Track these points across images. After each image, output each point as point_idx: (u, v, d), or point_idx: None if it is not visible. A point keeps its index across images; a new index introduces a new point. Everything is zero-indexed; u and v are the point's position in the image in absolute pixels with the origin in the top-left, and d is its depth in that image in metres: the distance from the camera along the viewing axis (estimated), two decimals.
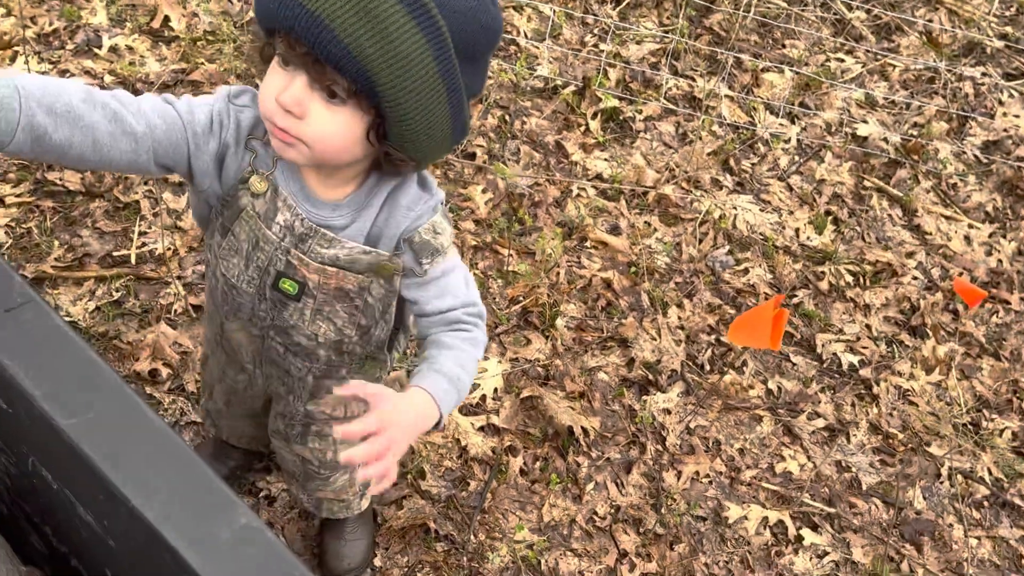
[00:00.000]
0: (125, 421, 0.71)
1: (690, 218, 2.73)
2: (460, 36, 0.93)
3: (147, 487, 0.68)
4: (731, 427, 2.24)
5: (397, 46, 0.87)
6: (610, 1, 3.49)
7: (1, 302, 0.74)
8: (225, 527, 0.66)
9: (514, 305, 2.34)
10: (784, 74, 3.33)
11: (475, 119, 2.82)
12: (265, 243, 1.11)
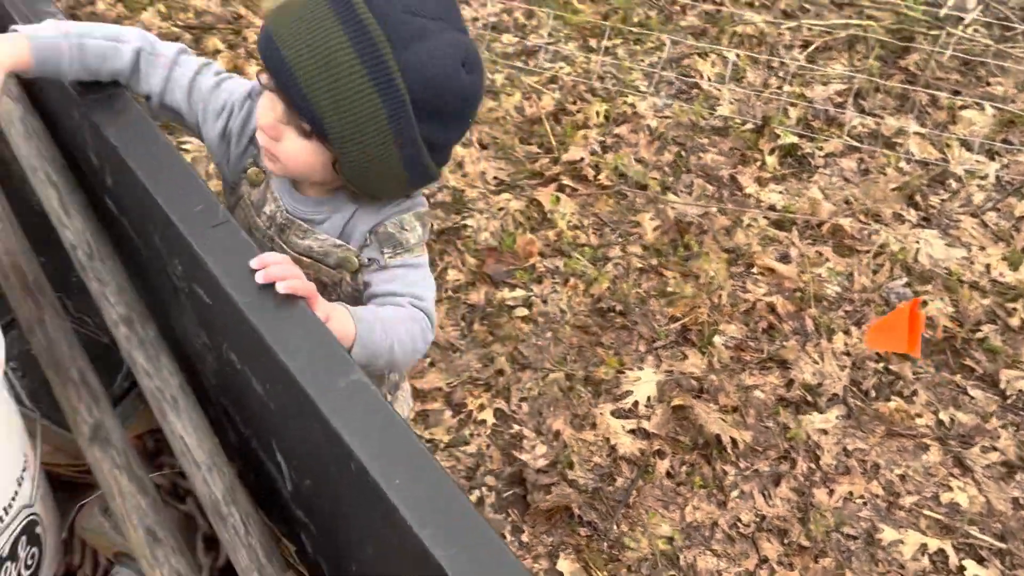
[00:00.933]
0: (277, 302, 0.94)
1: (866, 250, 2.71)
2: (424, 99, 1.00)
3: (292, 349, 0.90)
4: (893, 453, 2.19)
5: (350, 102, 0.97)
6: (798, 47, 3.55)
7: (208, 220, 1.00)
8: (342, 378, 0.86)
9: (673, 323, 2.44)
10: (985, 111, 3.21)
11: (651, 154, 2.99)
12: (255, 229, 1.21)
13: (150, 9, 3.36)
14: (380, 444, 0.81)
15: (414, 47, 0.99)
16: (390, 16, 0.98)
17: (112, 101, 1.14)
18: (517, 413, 2.20)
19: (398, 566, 0.83)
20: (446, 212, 2.70)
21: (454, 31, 1.03)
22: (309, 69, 0.97)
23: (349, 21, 0.98)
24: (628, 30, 3.55)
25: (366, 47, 0.97)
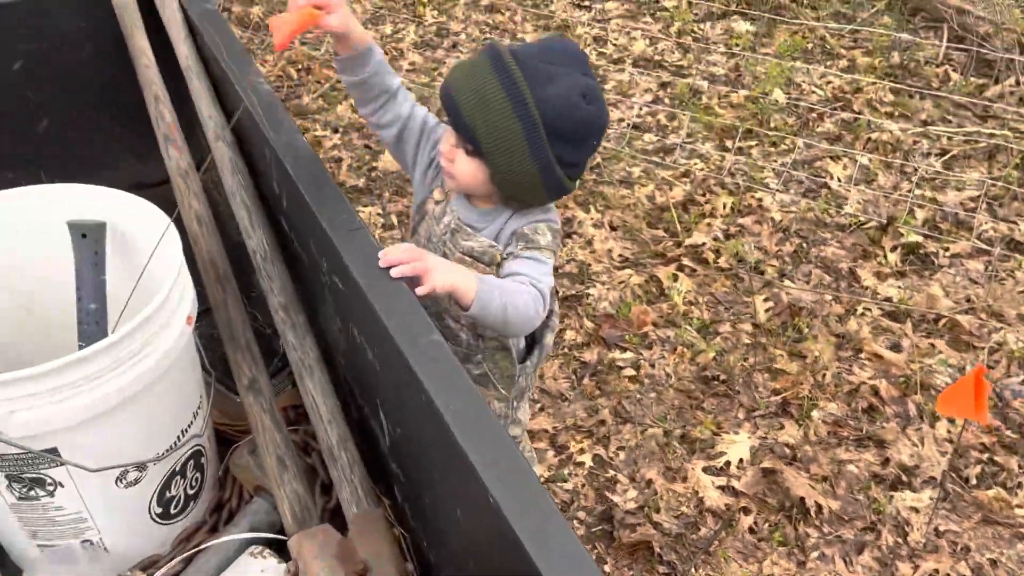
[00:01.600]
0: (389, 284, 1.24)
1: (982, 346, 2.73)
2: (554, 124, 1.34)
3: (391, 314, 1.19)
4: (987, 538, 2.18)
5: (499, 128, 1.33)
6: (935, 155, 3.65)
7: (347, 225, 1.34)
8: (424, 336, 1.15)
9: (775, 396, 2.57)
10: None
11: (772, 244, 3.16)
12: (434, 237, 1.53)
13: (344, 103, 3.96)
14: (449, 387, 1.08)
15: (546, 86, 1.34)
16: (528, 65, 1.35)
17: (294, 146, 1.54)
18: (614, 460, 2.40)
19: (464, 504, 1.07)
20: (571, 281, 2.99)
21: (578, 74, 1.37)
22: (470, 104, 1.34)
23: (499, 69, 1.35)
24: (764, 132, 3.78)
25: (510, 87, 1.33)
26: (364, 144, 3.70)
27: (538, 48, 1.40)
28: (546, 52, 1.39)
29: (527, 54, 1.37)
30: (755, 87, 4.06)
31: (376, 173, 3.52)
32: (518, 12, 4.88)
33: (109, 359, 1.19)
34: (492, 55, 1.37)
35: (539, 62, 1.36)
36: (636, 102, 4.06)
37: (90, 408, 1.20)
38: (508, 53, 1.37)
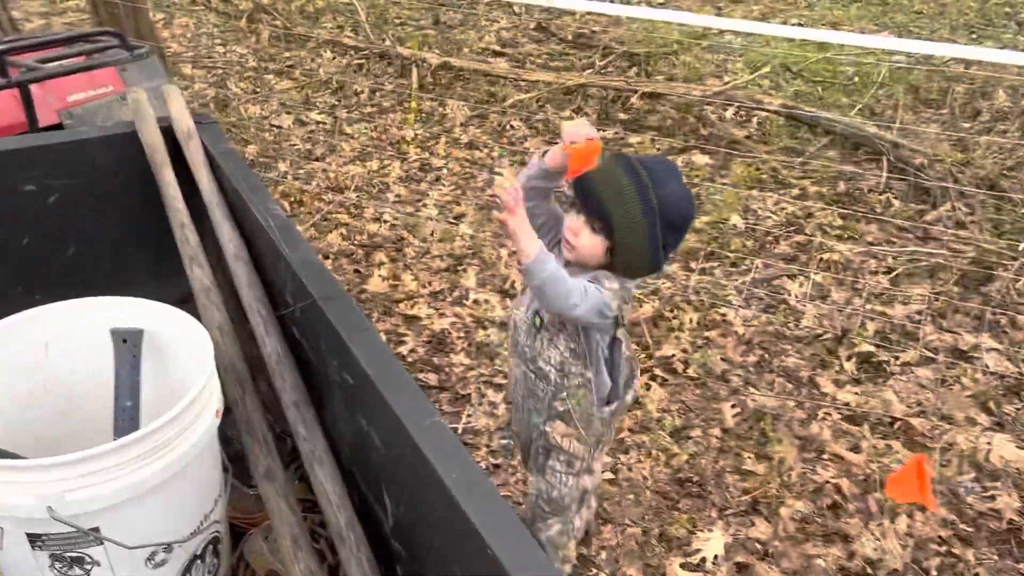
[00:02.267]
0: (393, 378, 1.44)
1: (935, 446, 2.93)
2: (668, 214, 1.72)
3: (400, 400, 1.38)
4: None
5: (629, 215, 1.70)
6: (882, 273, 3.96)
7: (357, 327, 1.54)
8: (427, 418, 1.33)
9: (745, 495, 2.73)
10: None
11: (737, 355, 3.39)
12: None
13: (335, 232, 4.24)
14: (452, 460, 1.26)
15: (664, 187, 1.74)
16: (651, 169, 1.74)
17: (308, 260, 1.76)
18: (596, 558, 2.52)
19: (466, 565, 1.23)
20: None
21: (680, 183, 1.79)
22: (609, 194, 1.72)
23: (631, 172, 1.74)
24: (725, 254, 4.09)
25: (639, 185, 1.72)
26: (354, 269, 3.94)
27: (653, 159, 1.79)
28: (659, 162, 1.79)
29: (648, 162, 1.76)
30: (714, 213, 4.41)
31: (365, 296, 3.75)
32: (495, 149, 5.27)
33: (150, 444, 1.36)
34: (624, 161, 1.76)
35: (657, 169, 1.76)
36: None
37: (130, 489, 1.36)
38: (636, 160, 1.76)
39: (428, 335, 3.50)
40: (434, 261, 4.03)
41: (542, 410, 2.02)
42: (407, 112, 5.71)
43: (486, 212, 4.51)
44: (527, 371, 2.01)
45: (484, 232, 4.29)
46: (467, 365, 3.33)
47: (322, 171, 4.86)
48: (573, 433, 1.99)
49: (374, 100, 5.97)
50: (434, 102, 5.90)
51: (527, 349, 1.97)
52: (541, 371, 1.94)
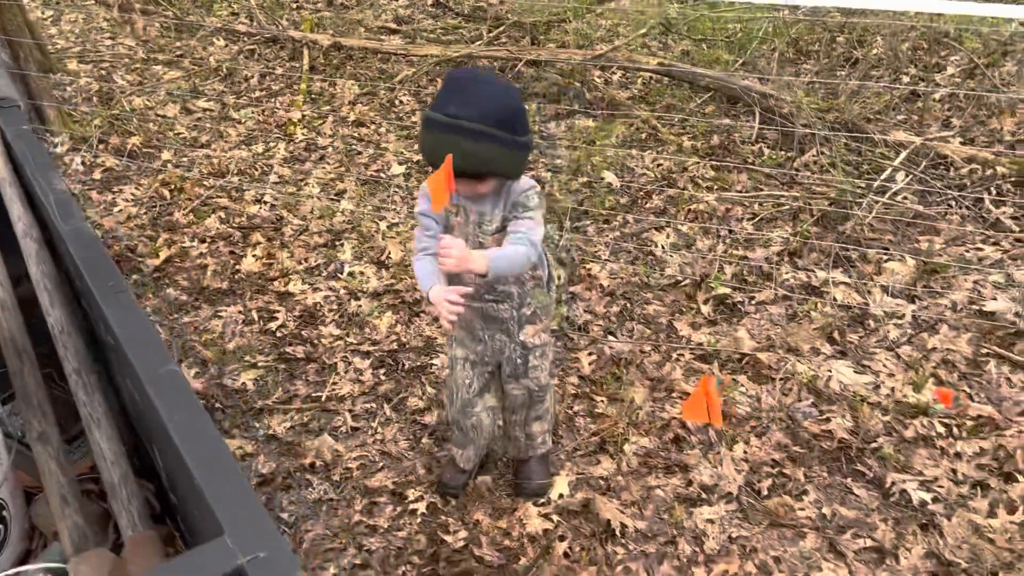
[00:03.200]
0: (139, 334, 1.49)
1: (781, 378, 3.07)
2: (498, 118, 1.84)
3: (138, 350, 1.43)
4: (773, 540, 2.45)
5: (479, 151, 1.84)
6: (747, 219, 4.10)
7: (113, 288, 1.59)
8: (161, 367, 1.39)
9: (594, 436, 2.84)
10: (906, 262, 3.61)
11: (601, 307, 3.50)
12: (469, 236, 2.05)
13: (213, 216, 4.25)
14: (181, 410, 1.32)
15: (476, 107, 1.84)
16: (462, 111, 1.83)
17: (79, 231, 1.79)
18: (447, 507, 2.61)
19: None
20: (416, 355, 3.26)
21: (489, 86, 1.88)
22: (466, 164, 1.84)
23: (449, 129, 1.84)
24: (599, 212, 4.20)
25: (465, 129, 1.83)
26: (230, 251, 3.96)
27: (448, 90, 1.86)
28: (453, 85, 1.86)
29: (449, 101, 1.83)
30: (592, 173, 4.51)
31: (239, 276, 3.77)
32: (382, 125, 5.30)
33: None
34: (437, 125, 1.84)
35: (460, 99, 1.83)
36: None
37: None
38: (442, 116, 1.84)
39: (300, 310, 3.55)
40: (312, 238, 4.07)
41: (511, 326, 2.27)
42: (296, 95, 5.71)
43: (369, 186, 4.56)
44: (483, 305, 2.21)
45: (364, 206, 4.33)
46: (336, 335, 3.39)
47: (206, 157, 4.85)
48: (541, 327, 2.31)
49: (264, 84, 5.95)
50: (324, 83, 5.90)
51: (478, 288, 2.14)
52: (502, 293, 2.19)
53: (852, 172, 4.30)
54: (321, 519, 2.58)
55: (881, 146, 4.45)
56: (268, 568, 1.02)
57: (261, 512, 1.09)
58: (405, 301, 3.56)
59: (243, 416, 3.00)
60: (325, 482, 2.71)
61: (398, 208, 4.33)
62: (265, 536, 1.06)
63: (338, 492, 2.67)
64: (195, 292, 3.67)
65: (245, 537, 1.06)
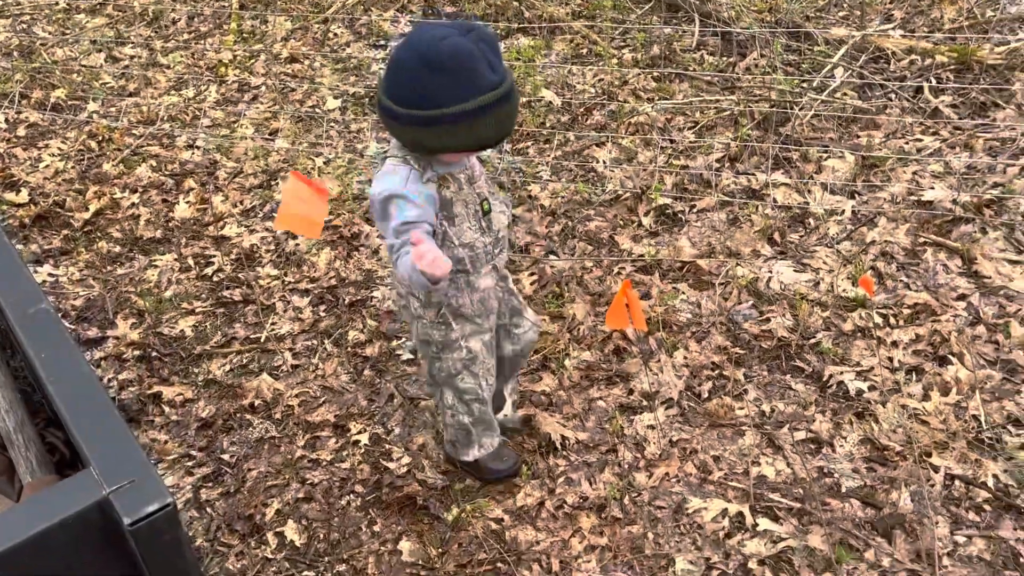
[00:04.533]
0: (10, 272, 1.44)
1: (721, 282, 3.06)
2: (403, 95, 1.70)
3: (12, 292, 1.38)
4: (713, 440, 2.48)
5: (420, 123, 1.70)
6: (688, 128, 4.04)
7: (32, 303, 1.53)
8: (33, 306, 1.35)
9: (536, 355, 2.83)
10: (846, 159, 3.59)
11: (543, 227, 3.46)
12: (469, 197, 1.89)
13: (144, 165, 4.13)
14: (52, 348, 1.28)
15: (398, 85, 1.71)
16: (392, 97, 1.73)
17: None
18: (390, 435, 2.60)
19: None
20: (356, 289, 3.21)
21: (403, 50, 1.69)
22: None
23: (387, 114, 1.77)
24: (539, 132, 4.12)
25: (397, 113, 1.73)
26: (162, 199, 3.86)
27: (491, 50, 1.65)
28: (490, 42, 1.66)
29: (494, 63, 1.65)
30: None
31: (173, 223, 3.69)
32: (316, 60, 5.14)
33: None
34: (511, 94, 1.69)
35: (497, 57, 1.66)
36: None
37: None
38: (507, 84, 1.67)
39: (237, 253, 3.48)
40: (247, 180, 3.97)
41: (508, 281, 2.21)
42: (226, 35, 5.51)
43: (304, 123, 4.44)
44: (498, 259, 2.07)
45: (300, 144, 4.23)
46: (274, 276, 3.33)
47: (135, 106, 4.69)
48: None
49: (192, 27, 5.73)
50: (256, 20, 5.70)
51: (488, 240, 1.98)
52: (506, 241, 2.09)
53: (793, 72, 4.24)
54: (263, 457, 2.57)
55: (821, 44, 4.38)
56: (134, 496, 0.99)
57: (129, 442, 1.05)
58: (343, 236, 3.50)
59: (182, 363, 2.96)
60: (266, 421, 2.69)
61: (334, 143, 4.22)
62: (132, 465, 1.03)
63: (280, 429, 2.65)
64: (128, 243, 3.58)
65: (111, 468, 1.03)
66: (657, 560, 2.17)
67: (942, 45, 4.15)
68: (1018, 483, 2.25)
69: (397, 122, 1.71)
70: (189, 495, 2.48)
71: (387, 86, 1.71)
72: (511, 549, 2.23)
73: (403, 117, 1.69)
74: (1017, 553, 2.09)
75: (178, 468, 2.57)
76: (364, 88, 4.71)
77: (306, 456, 2.55)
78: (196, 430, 2.68)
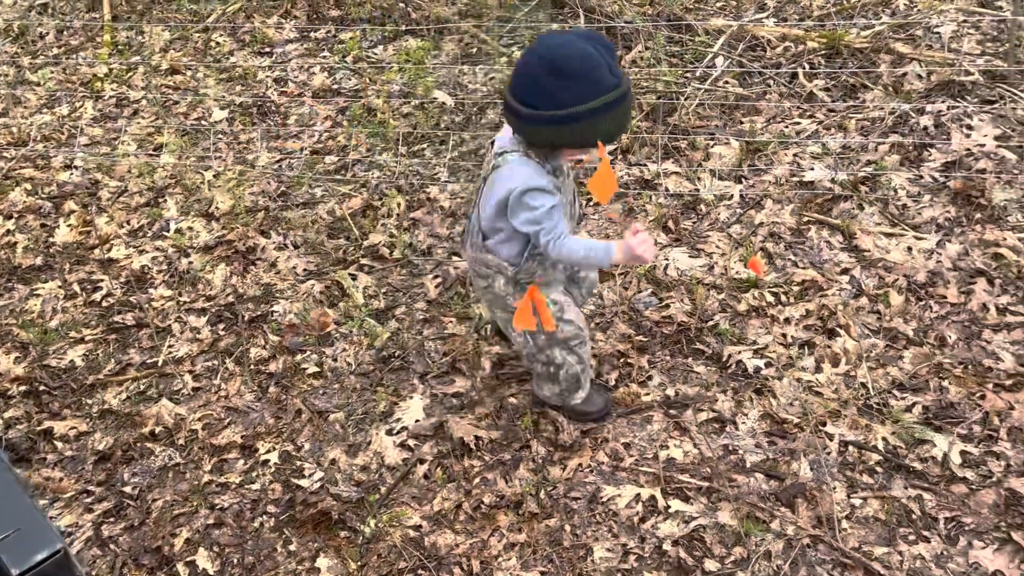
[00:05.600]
0: None
1: (620, 273, 3.13)
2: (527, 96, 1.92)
3: None
4: (623, 427, 2.53)
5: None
6: None
7: None
8: None
9: (446, 357, 2.83)
10: (731, 144, 3.71)
11: (444, 229, 3.46)
12: (568, 186, 2.16)
13: (18, 189, 3.91)
14: None
15: (529, 88, 1.92)
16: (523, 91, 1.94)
17: None
18: (300, 451, 2.55)
19: None
20: (256, 304, 3.14)
21: (524, 57, 1.91)
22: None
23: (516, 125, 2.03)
24: (434, 134, 4.11)
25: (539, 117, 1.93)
26: (40, 224, 3.68)
27: (609, 53, 1.87)
28: (606, 47, 1.87)
29: (612, 65, 1.85)
30: (423, 95, 4.39)
31: (54, 249, 3.52)
32: (200, 70, 4.98)
33: None
34: (629, 94, 1.90)
35: (615, 60, 1.89)
36: (317, 130, 4.28)
37: None
38: (625, 84, 1.89)
39: (127, 275, 3.34)
40: (132, 199, 3.82)
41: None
42: (99, 47, 5.28)
43: (190, 136, 4.30)
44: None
45: (186, 158, 4.09)
46: (168, 297, 3.22)
47: (4, 127, 4.44)
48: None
49: (62, 41, 5.47)
50: (131, 31, 5.48)
51: (575, 224, 2.28)
52: (575, 222, 2.31)
53: (677, 63, 4.36)
54: (168, 485, 2.48)
55: (702, 34, 4.52)
56: (21, 546, 0.95)
57: (12, 489, 1.00)
58: (238, 251, 3.41)
59: (74, 395, 2.83)
60: (169, 448, 2.60)
61: (223, 155, 4.11)
62: (17, 513, 0.98)
63: (184, 456, 2.57)
64: (5, 273, 3.39)
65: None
66: (576, 551, 2.20)
67: (812, 32, 4.35)
68: (906, 444, 2.38)
69: (529, 122, 1.91)
70: (90, 533, 2.37)
71: (518, 90, 1.90)
72: (431, 555, 2.22)
73: (535, 118, 1.88)
74: (909, 510, 2.22)
75: (76, 506, 2.45)
76: (252, 97, 4.59)
77: (214, 480, 2.48)
78: (93, 464, 2.56)
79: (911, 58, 4.07)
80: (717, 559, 2.14)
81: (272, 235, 3.48)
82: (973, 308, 2.79)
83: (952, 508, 2.21)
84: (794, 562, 2.12)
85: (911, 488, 2.27)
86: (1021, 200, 3.20)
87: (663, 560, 2.16)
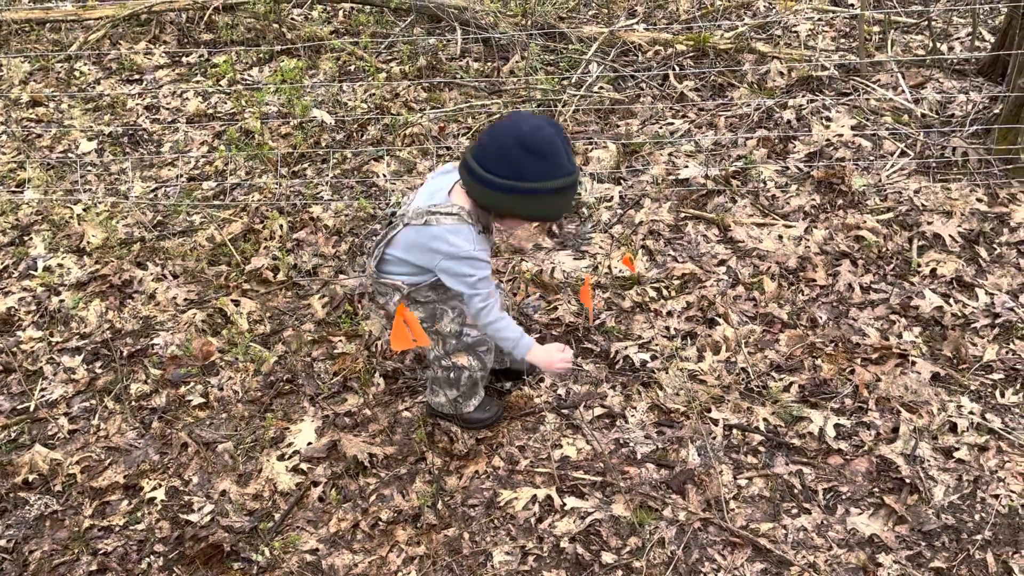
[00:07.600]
0: None
1: (508, 279, 3.16)
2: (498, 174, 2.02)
3: None
4: (517, 432, 2.55)
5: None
6: (462, 135, 4.13)
7: None
8: None
9: (336, 376, 2.79)
10: (609, 148, 3.81)
11: (329, 248, 3.41)
12: (489, 244, 2.23)
13: None
14: None
15: (495, 166, 2.01)
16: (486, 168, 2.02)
17: None
18: (188, 486, 2.47)
19: None
20: (135, 339, 3.02)
21: (492, 134, 2.01)
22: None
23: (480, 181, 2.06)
24: (315, 153, 4.06)
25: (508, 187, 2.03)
26: None
27: (565, 145, 1.98)
28: (563, 139, 1.97)
29: (568, 155, 1.98)
30: (301, 115, 4.34)
31: None
32: (63, 101, 4.78)
33: None
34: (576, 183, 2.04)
35: (570, 150, 2.01)
36: (193, 156, 4.16)
37: None
38: (576, 172, 2.02)
39: None
40: None
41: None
42: None
43: (56, 170, 4.11)
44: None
45: (53, 192, 3.91)
46: (38, 338, 3.06)
47: None
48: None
49: None
50: None
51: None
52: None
53: (553, 71, 4.45)
54: (46, 535, 2.35)
55: (575, 42, 4.63)
56: None
57: None
58: (114, 285, 3.27)
59: None
60: (45, 495, 2.47)
61: (93, 187, 3.94)
62: None
63: (62, 502, 2.44)
64: None
65: None
66: (476, 557, 2.20)
67: (680, 35, 4.51)
68: (785, 422, 2.49)
69: (487, 186, 1.99)
70: None
71: (484, 159, 1.98)
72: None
73: (493, 184, 1.97)
74: (791, 485, 2.31)
75: None
76: (122, 126, 4.43)
77: (95, 525, 2.37)
78: None
79: (772, 56, 4.27)
80: (614, 551, 2.18)
81: (149, 266, 3.35)
82: (840, 289, 2.94)
83: (830, 479, 2.32)
84: (687, 546, 2.18)
85: (791, 464, 2.37)
86: (878, 185, 3.40)
87: (561, 558, 2.18)
